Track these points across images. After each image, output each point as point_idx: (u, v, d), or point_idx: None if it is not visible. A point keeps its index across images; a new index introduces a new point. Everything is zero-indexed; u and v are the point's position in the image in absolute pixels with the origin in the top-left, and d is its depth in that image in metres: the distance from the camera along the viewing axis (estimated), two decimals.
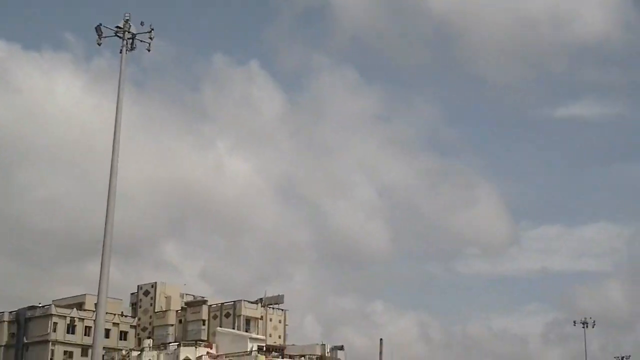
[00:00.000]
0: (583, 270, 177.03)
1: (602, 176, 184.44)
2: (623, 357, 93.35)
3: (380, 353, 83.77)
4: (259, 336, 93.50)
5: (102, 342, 29.11)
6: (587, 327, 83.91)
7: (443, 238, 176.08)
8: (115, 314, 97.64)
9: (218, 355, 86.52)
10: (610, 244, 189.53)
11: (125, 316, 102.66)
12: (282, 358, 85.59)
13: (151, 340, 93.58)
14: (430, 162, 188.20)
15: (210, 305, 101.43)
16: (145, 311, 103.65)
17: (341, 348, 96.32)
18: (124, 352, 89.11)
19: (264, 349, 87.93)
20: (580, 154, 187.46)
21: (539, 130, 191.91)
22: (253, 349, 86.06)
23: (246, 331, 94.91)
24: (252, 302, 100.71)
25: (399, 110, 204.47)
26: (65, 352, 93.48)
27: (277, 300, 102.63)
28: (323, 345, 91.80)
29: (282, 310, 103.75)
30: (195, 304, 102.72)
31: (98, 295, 28.40)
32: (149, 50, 31.92)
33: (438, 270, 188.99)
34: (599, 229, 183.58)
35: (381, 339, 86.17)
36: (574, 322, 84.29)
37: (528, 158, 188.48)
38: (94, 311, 53.14)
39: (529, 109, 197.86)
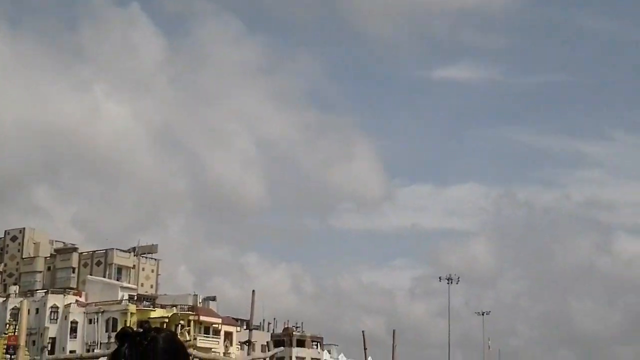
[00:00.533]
0: (451, 228, 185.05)
1: (473, 139, 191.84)
2: (483, 312, 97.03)
3: (252, 304, 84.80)
4: (130, 285, 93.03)
5: None
6: (451, 283, 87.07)
7: (319, 192, 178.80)
8: None
9: (87, 304, 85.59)
10: (477, 204, 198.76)
11: None
12: (154, 307, 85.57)
13: (17, 286, 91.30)
14: (310, 116, 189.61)
15: (81, 253, 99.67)
16: (12, 257, 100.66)
17: (213, 299, 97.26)
18: None
19: (135, 298, 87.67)
20: (455, 116, 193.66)
21: (417, 90, 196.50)
22: (124, 298, 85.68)
23: (117, 280, 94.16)
24: (124, 251, 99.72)
25: (281, 63, 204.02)
26: None
27: (151, 249, 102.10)
28: (195, 295, 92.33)
29: (155, 259, 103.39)
30: (65, 251, 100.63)
31: None
32: None
33: (313, 224, 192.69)
34: (468, 190, 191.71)
35: (253, 290, 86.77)
36: (440, 278, 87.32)
37: (405, 117, 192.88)
38: None
39: (409, 69, 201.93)
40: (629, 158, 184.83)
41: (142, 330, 2.51)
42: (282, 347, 25.68)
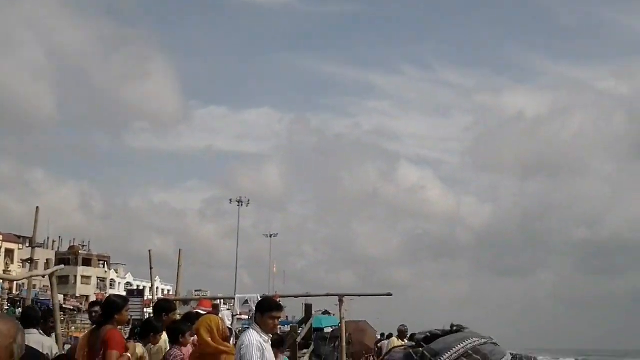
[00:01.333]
0: (244, 151, 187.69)
1: (270, 63, 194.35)
2: (271, 234, 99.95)
3: (35, 221, 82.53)
4: None
5: None
6: (241, 205, 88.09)
7: (113, 109, 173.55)
8: None
9: None
10: (271, 129, 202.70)
11: None
12: None
13: None
14: (106, 28, 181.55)
15: None
16: None
17: None
18: None
19: None
20: (253, 40, 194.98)
21: (217, 11, 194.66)
22: None
23: None
24: None
25: None
26: None
27: None
28: None
29: None
30: None
31: None
32: None
33: (105, 141, 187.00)
34: (263, 114, 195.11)
35: (37, 207, 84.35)
36: (230, 200, 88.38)
37: (205, 38, 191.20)
38: None
39: None
40: (415, 91, 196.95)
41: None
42: (62, 265, 25.87)
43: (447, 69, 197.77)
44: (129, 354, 6.86)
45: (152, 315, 10.30)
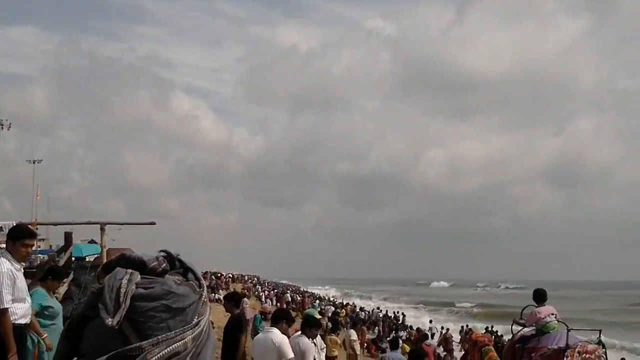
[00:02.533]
0: (6, 71, 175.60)
1: None
2: (35, 160, 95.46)
3: None
4: None
5: None
6: (2, 128, 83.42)
7: None
8: None
9: None
10: (37, 49, 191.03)
11: None
12: None
13: None
14: None
15: None
16: None
17: None
18: None
19: None
20: None
21: None
22: None
23: None
24: None
25: None
26: None
27: None
28: None
29: None
30: None
31: None
32: None
33: None
34: (27, 33, 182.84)
35: None
36: None
37: None
38: None
39: None
40: (189, 20, 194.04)
41: None
42: None
43: None
44: None
45: None
